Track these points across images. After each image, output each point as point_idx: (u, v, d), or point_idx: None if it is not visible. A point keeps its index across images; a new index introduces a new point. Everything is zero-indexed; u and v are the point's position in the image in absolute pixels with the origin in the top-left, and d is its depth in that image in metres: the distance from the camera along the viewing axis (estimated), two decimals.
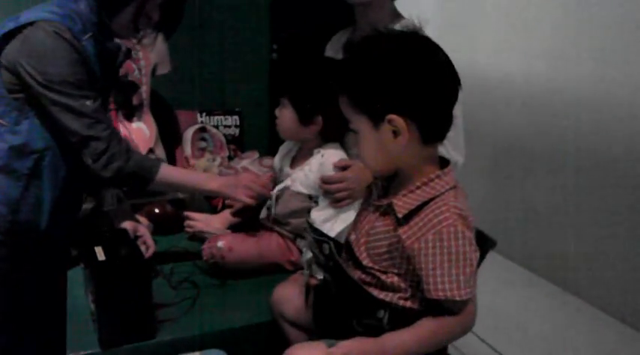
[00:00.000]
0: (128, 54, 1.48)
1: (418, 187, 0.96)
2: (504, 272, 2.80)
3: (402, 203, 0.96)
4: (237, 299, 1.37)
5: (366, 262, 1.00)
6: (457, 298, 0.92)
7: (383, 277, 0.99)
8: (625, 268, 2.33)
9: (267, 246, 1.46)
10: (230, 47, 2.29)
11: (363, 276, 1.01)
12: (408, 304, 0.98)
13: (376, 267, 0.99)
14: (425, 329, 0.96)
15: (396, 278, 0.98)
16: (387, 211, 0.99)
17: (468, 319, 0.98)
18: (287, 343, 1.19)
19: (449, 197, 0.94)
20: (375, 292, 0.99)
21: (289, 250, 1.46)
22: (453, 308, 0.95)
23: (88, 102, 1.25)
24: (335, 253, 1.02)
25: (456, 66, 0.96)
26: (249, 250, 1.44)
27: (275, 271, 1.45)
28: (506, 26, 2.96)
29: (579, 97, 2.52)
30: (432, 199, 0.95)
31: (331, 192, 1.35)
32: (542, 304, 2.49)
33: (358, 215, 1.09)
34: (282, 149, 1.57)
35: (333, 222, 1.34)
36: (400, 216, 0.96)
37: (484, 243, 1.03)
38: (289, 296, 1.24)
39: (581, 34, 2.49)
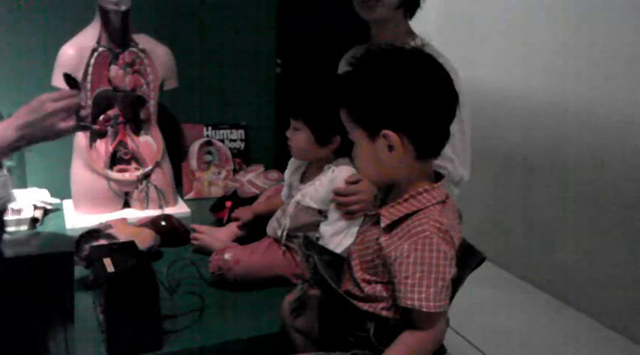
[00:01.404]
0: None
1: (406, 199, 0.99)
2: (505, 286, 2.80)
3: (388, 213, 0.99)
4: (244, 311, 1.38)
5: (358, 275, 1.02)
6: (424, 310, 0.93)
7: (367, 288, 1.01)
8: (627, 281, 2.33)
9: (273, 258, 1.47)
10: (236, 62, 2.33)
11: (353, 289, 1.03)
12: (391, 314, 0.99)
13: (365, 277, 1.01)
14: (402, 346, 0.97)
15: (379, 287, 1.00)
16: (378, 221, 1.02)
17: (438, 334, 0.99)
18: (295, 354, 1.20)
19: (433, 211, 0.97)
20: (360, 303, 1.01)
21: (296, 263, 1.47)
22: (423, 320, 0.96)
23: None
24: (320, 266, 1.05)
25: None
26: (256, 262, 1.45)
27: (281, 284, 1.46)
28: (506, 42, 2.99)
29: (579, 112, 2.54)
30: (416, 211, 0.97)
31: (345, 205, 1.37)
32: (543, 317, 2.49)
33: (359, 227, 1.11)
34: (292, 164, 1.58)
35: (342, 236, 1.36)
36: (383, 225, 0.99)
37: (472, 257, 1.04)
38: None
39: (581, 49, 2.52)
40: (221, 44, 2.29)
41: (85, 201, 1.90)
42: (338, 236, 1.36)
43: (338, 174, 1.42)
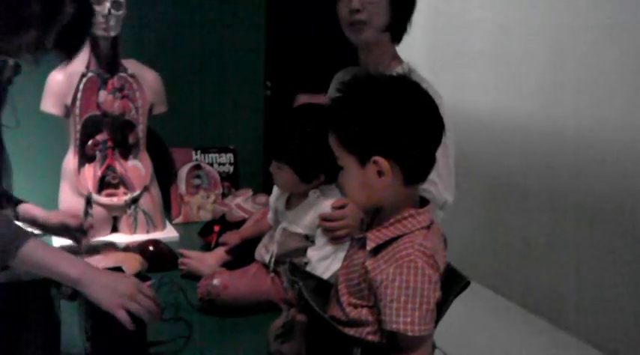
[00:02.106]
0: (17, 69, 1.28)
1: (392, 224, 1.00)
2: (501, 311, 2.80)
3: (374, 237, 1.00)
4: (232, 337, 1.37)
5: (344, 298, 1.03)
6: (409, 333, 0.93)
7: (353, 312, 1.01)
8: (625, 307, 2.32)
9: (262, 284, 1.46)
10: (224, 85, 2.35)
11: (339, 313, 1.03)
12: (377, 338, 1.00)
13: (352, 300, 1.02)
14: None
15: (364, 311, 1.01)
16: (364, 245, 1.03)
17: None
18: None
19: (418, 235, 0.98)
20: (346, 329, 1.01)
21: (284, 289, 1.47)
22: (408, 344, 0.96)
23: None
24: (305, 292, 1.05)
25: (447, 105, 1.00)
26: (245, 288, 1.45)
27: (270, 309, 1.45)
28: (497, 65, 3.01)
29: (574, 135, 2.55)
30: (401, 236, 0.98)
31: (331, 230, 1.37)
32: (539, 343, 2.48)
33: (347, 251, 1.12)
34: (276, 190, 1.59)
35: (330, 260, 1.36)
36: (369, 248, 1.00)
37: (457, 281, 1.05)
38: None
39: (576, 73, 2.52)
40: (209, 68, 2.31)
41: None
42: (325, 261, 1.37)
43: (323, 200, 1.42)
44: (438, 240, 1.03)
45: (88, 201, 1.66)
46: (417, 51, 1.55)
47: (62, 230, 1.58)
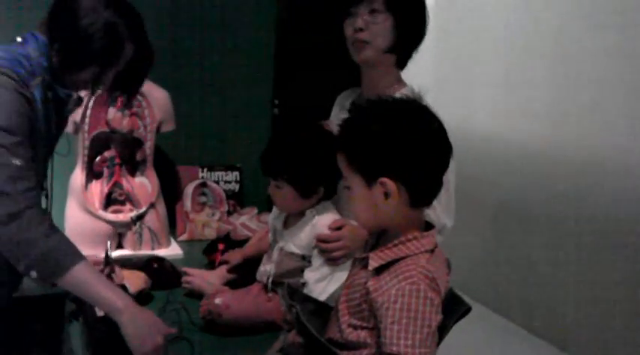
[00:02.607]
0: (79, 102, 1.43)
1: (395, 245, 1.01)
2: (503, 333, 2.78)
3: (376, 257, 1.01)
4: None
5: (345, 319, 1.03)
6: None
7: (352, 334, 1.01)
8: (627, 327, 2.31)
9: (264, 304, 1.46)
10: (232, 103, 2.36)
11: (337, 336, 1.03)
12: None
13: (352, 321, 1.02)
14: None
15: (363, 333, 1.01)
16: (367, 265, 1.03)
17: None
18: None
19: (421, 258, 0.99)
20: (344, 352, 1.01)
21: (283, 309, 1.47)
22: None
23: (17, 161, 1.14)
24: (302, 316, 1.05)
25: (453, 126, 1.01)
26: (247, 308, 1.45)
27: (272, 329, 1.45)
28: (504, 89, 3.02)
29: (576, 159, 2.55)
30: (404, 258, 0.99)
31: (328, 251, 1.37)
32: None
33: (350, 271, 1.13)
34: (274, 209, 1.60)
35: (326, 281, 1.37)
36: (371, 268, 1.00)
37: (458, 307, 1.05)
38: None
39: (580, 97, 2.53)
40: (217, 86, 2.33)
41: (79, 242, 1.88)
42: (322, 282, 1.37)
43: (319, 220, 1.43)
44: (441, 263, 1.03)
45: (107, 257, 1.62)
46: (424, 73, 1.55)
47: None
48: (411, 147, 0.97)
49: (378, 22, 1.47)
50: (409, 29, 1.51)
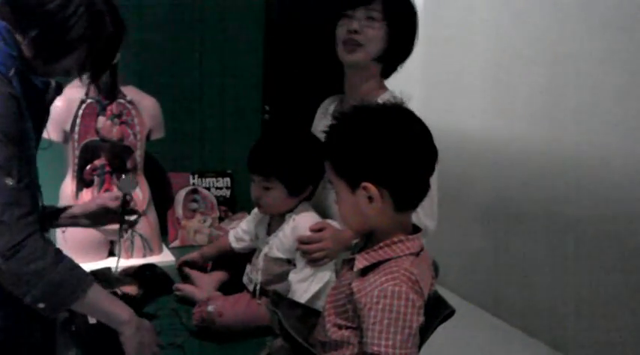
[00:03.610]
0: (59, 90, 1.26)
1: (381, 247, 1.03)
2: (497, 333, 2.79)
3: (362, 259, 1.03)
4: None
5: (330, 318, 1.05)
6: None
7: (337, 333, 1.02)
8: (621, 329, 2.32)
9: (257, 310, 1.47)
10: (222, 110, 2.37)
11: (321, 335, 1.05)
12: None
13: (337, 321, 1.03)
14: None
15: (347, 333, 1.03)
16: (353, 266, 1.05)
17: None
18: None
19: (405, 261, 1.01)
20: (328, 353, 1.02)
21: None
22: None
23: (9, 181, 1.03)
24: (284, 322, 1.07)
25: (442, 128, 1.03)
26: (240, 315, 1.45)
27: (265, 333, 1.46)
28: (491, 88, 3.05)
29: (571, 159, 2.57)
30: (389, 259, 1.01)
31: (309, 252, 1.40)
32: None
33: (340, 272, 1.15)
34: (254, 217, 1.61)
35: (309, 282, 1.39)
36: (356, 269, 1.03)
37: (441, 310, 1.07)
38: None
39: (574, 97, 2.55)
40: (207, 92, 2.34)
41: (70, 250, 1.88)
42: (304, 282, 1.39)
43: (299, 222, 1.45)
44: (427, 267, 1.05)
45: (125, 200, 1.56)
46: (412, 75, 1.57)
47: (102, 215, 1.52)
48: (392, 152, 0.99)
49: (374, 27, 1.50)
50: (400, 41, 1.54)
